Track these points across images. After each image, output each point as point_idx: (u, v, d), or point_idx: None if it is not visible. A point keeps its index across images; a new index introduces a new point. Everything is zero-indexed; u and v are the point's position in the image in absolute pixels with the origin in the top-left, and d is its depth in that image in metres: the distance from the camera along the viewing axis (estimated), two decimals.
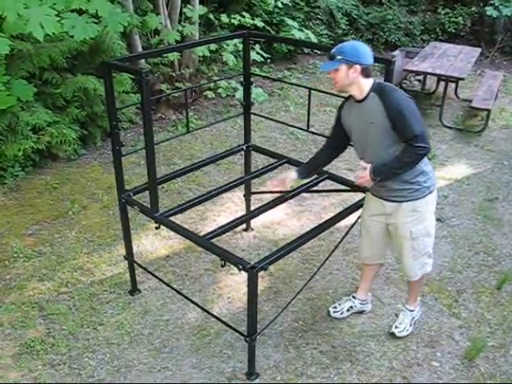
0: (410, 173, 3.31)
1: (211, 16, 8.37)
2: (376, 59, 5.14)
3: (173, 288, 4.11)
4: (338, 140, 3.64)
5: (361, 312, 4.11)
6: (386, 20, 10.68)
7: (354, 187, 3.99)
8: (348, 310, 4.08)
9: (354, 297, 4.09)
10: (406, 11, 10.96)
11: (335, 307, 4.10)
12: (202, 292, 4.34)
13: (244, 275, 3.24)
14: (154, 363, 3.69)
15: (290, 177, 3.76)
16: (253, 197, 4.91)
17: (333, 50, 3.27)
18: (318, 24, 10.21)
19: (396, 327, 3.90)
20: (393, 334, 3.88)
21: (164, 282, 4.17)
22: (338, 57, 3.21)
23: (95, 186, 5.81)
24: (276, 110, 7.88)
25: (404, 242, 3.56)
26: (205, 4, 8.17)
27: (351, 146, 3.61)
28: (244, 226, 4.95)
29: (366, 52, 3.25)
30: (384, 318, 4.08)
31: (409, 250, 3.59)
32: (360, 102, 3.31)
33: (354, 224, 3.91)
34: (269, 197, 4.43)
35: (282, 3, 9.00)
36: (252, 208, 4.69)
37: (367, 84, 3.27)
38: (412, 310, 3.95)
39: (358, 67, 3.20)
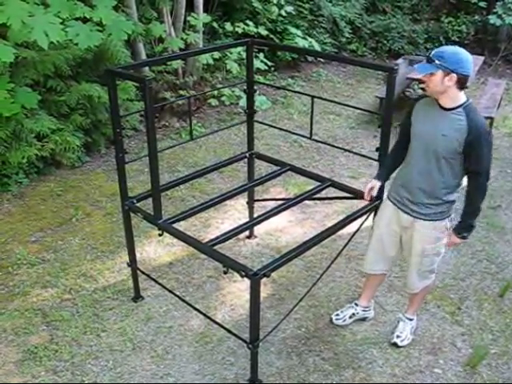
0: (443, 196, 3.31)
1: (215, 24, 8.41)
2: (379, 67, 5.18)
3: (176, 295, 4.12)
4: (408, 139, 3.46)
5: (363, 319, 4.11)
6: (390, 28, 10.73)
7: (356, 195, 4.00)
8: (350, 317, 4.07)
9: (356, 304, 4.09)
10: (410, 20, 11.00)
11: (337, 314, 4.10)
12: (204, 299, 4.34)
13: (247, 282, 3.24)
14: (157, 370, 3.69)
15: (376, 185, 3.63)
16: (256, 204, 4.92)
17: (432, 52, 3.09)
18: (322, 32, 10.24)
19: (398, 336, 3.89)
20: (395, 344, 3.88)
21: (167, 289, 4.18)
22: (437, 61, 3.03)
23: (99, 193, 5.83)
24: (279, 117, 7.90)
25: (413, 257, 3.56)
26: (209, 12, 8.22)
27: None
28: (247, 233, 4.96)
29: (467, 61, 3.07)
30: (387, 326, 4.08)
31: (416, 265, 3.59)
32: (444, 109, 3.18)
33: (356, 231, 3.91)
34: (272, 204, 4.45)
35: (285, 12, 9.04)
36: (255, 215, 4.70)
37: (459, 97, 3.14)
38: (411, 319, 3.95)
39: (454, 76, 3.04)
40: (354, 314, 4.07)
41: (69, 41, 5.11)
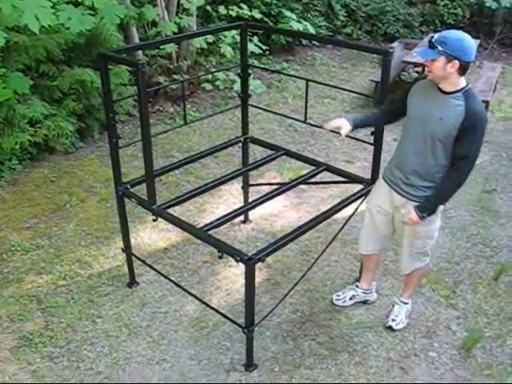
0: (436, 180, 3.30)
1: (209, 7, 8.34)
2: (374, 50, 5.16)
3: (171, 280, 4.11)
4: (394, 112, 3.52)
5: (364, 302, 4.12)
6: (385, 11, 10.67)
7: (351, 179, 4.00)
8: (351, 299, 4.09)
9: (357, 286, 4.11)
10: (405, 3, 10.94)
11: (338, 295, 4.12)
12: (200, 284, 4.34)
13: (242, 267, 3.24)
14: (153, 355, 3.69)
15: (344, 126, 3.49)
16: (251, 189, 4.91)
17: (435, 37, 3.03)
18: (317, 15, 10.17)
19: (393, 320, 3.90)
20: (390, 328, 3.89)
21: (162, 275, 4.17)
22: (439, 47, 2.98)
23: (93, 178, 5.80)
24: (274, 101, 7.86)
25: (405, 238, 3.57)
26: None
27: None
28: (242, 217, 4.95)
29: (470, 47, 3.01)
30: (382, 309, 4.09)
31: (407, 247, 3.60)
32: (443, 93, 3.15)
33: (351, 215, 3.90)
34: (267, 189, 4.43)
35: None
36: (250, 200, 4.69)
37: (460, 82, 3.09)
38: (406, 303, 3.96)
39: (456, 63, 2.98)
40: (354, 295, 4.09)
41: (60, 25, 5.06)
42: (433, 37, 3.07)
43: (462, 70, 3.05)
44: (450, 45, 2.98)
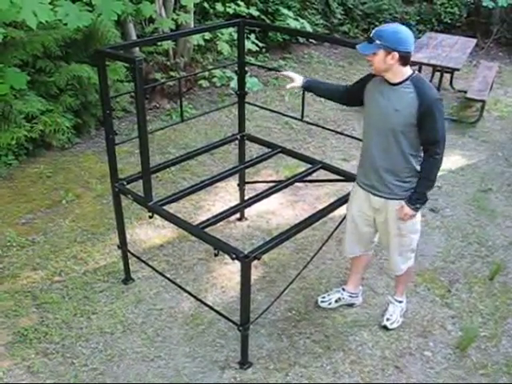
0: (408, 172, 3.30)
1: (206, 4, 8.32)
2: None
3: (166, 277, 4.11)
4: (350, 96, 3.56)
5: (350, 305, 4.10)
6: (382, 10, 10.66)
7: (347, 177, 4.00)
8: (336, 302, 4.07)
9: (343, 289, 4.08)
10: (402, 1, 10.94)
11: (324, 297, 4.11)
12: (195, 281, 4.34)
13: (237, 264, 3.24)
14: (147, 352, 3.69)
15: (297, 80, 3.69)
16: (247, 186, 4.91)
17: (373, 32, 3.13)
18: (314, 13, 10.16)
19: (387, 319, 3.91)
20: (385, 327, 3.89)
21: (157, 271, 4.17)
22: (377, 41, 3.08)
23: (89, 174, 5.79)
24: (271, 99, 7.86)
25: (392, 237, 3.55)
26: None
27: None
28: (238, 215, 4.95)
29: (407, 39, 3.09)
30: (377, 308, 4.09)
31: (396, 246, 3.59)
32: (392, 85, 3.20)
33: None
34: (263, 186, 4.44)
35: None
36: (246, 197, 4.69)
37: (404, 72, 3.16)
38: (401, 301, 3.96)
39: (395, 54, 3.06)
40: (340, 298, 4.07)
41: (58, 21, 5.05)
42: (371, 32, 3.17)
43: (403, 60, 3.12)
44: (386, 37, 3.07)
